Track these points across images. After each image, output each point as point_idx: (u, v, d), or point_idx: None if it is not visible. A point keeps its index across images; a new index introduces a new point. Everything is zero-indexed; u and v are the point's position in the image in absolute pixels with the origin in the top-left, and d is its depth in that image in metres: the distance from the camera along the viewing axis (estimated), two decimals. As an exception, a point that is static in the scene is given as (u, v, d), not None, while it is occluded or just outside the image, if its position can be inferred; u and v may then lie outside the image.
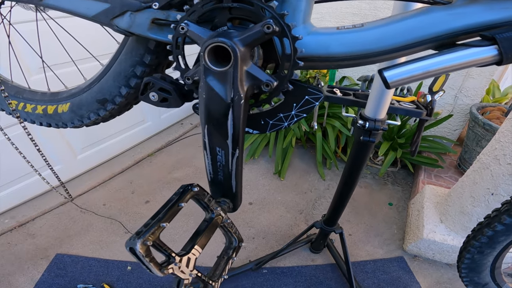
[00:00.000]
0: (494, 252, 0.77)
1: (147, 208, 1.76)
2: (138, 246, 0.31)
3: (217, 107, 0.33)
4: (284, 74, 0.33)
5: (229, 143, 0.36)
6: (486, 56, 0.27)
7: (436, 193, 1.70)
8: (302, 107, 0.37)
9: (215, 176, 0.41)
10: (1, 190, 1.61)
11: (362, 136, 0.83)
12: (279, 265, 1.48)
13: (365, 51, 0.31)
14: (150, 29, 0.36)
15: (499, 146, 1.22)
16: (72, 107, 0.57)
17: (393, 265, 1.53)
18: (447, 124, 2.18)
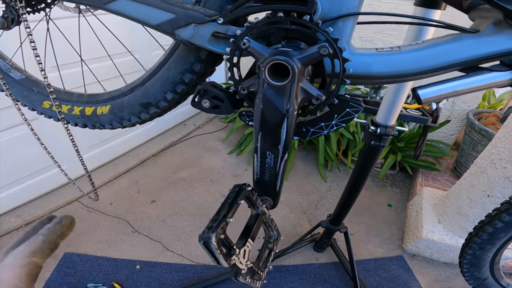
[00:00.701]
0: (494, 248, 0.83)
1: (154, 208, 1.78)
2: (213, 240, 0.35)
3: (273, 116, 0.38)
4: (331, 90, 0.38)
5: (280, 148, 0.40)
6: (504, 79, 0.33)
7: (434, 195, 1.77)
8: (343, 118, 0.42)
9: (261, 177, 0.45)
10: (7, 189, 1.62)
11: (373, 141, 0.88)
12: (284, 263, 1.53)
13: (402, 72, 0.36)
14: (209, 41, 0.40)
15: (496, 151, 1.29)
16: (113, 109, 0.60)
17: (393, 264, 1.60)
18: (445, 129, 2.26)
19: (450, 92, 0.35)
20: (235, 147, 2.35)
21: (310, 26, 0.34)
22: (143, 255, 1.51)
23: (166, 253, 1.53)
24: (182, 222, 1.70)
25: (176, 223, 1.70)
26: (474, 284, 0.96)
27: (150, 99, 0.55)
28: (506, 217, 0.74)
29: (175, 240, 1.60)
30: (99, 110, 0.63)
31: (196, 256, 1.52)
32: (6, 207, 1.65)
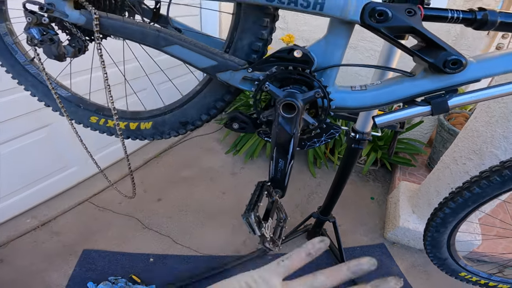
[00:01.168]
0: (447, 231, 1.00)
1: (160, 206, 1.95)
2: (252, 216, 0.54)
3: (284, 137, 0.57)
4: (322, 119, 0.58)
5: (289, 157, 0.60)
6: (425, 111, 0.52)
7: (409, 188, 2.01)
8: (329, 136, 0.62)
9: (275, 175, 0.65)
10: (23, 191, 1.72)
11: (353, 144, 1.10)
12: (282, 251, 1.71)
13: (366, 106, 0.57)
14: (240, 82, 0.59)
15: (457, 149, 1.51)
16: (155, 125, 0.76)
17: (376, 251, 1.80)
18: (420, 128, 2.51)
19: (394, 120, 0.55)
20: (231, 147, 2.53)
21: (310, 78, 0.54)
22: (155, 248, 1.67)
23: (176, 246, 1.69)
24: (187, 218, 1.88)
25: (182, 219, 1.87)
26: (438, 264, 1.12)
27: (188, 118, 0.72)
28: (452, 204, 0.92)
29: (182, 234, 1.77)
30: (142, 126, 0.79)
31: (203, 248, 1.69)
32: (22, 209, 1.75)
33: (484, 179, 0.85)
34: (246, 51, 0.59)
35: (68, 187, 1.98)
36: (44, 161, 1.77)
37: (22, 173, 1.68)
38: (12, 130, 1.55)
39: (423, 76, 0.52)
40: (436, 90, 0.52)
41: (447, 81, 0.51)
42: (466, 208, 0.91)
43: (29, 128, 1.63)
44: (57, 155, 1.82)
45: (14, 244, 1.61)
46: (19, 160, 1.63)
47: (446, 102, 0.51)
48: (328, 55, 0.54)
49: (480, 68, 0.50)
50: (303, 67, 0.54)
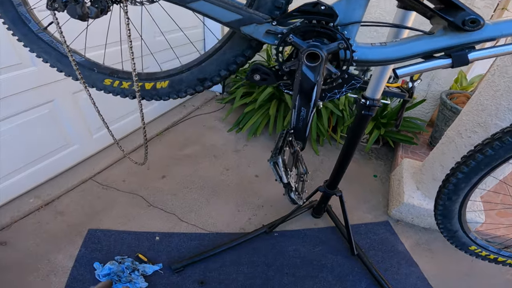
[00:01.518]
0: (459, 199, 0.99)
1: (164, 183, 1.95)
2: (279, 160, 0.54)
3: (308, 85, 0.58)
4: (343, 69, 0.58)
5: (311, 105, 0.61)
6: (446, 64, 0.55)
7: (413, 165, 2.03)
8: (350, 86, 0.63)
9: (296, 125, 0.65)
10: (25, 169, 1.69)
11: (363, 111, 1.10)
12: (287, 229, 1.73)
13: (386, 59, 0.59)
14: (264, 36, 0.59)
15: (462, 123, 1.52)
16: (172, 84, 0.76)
17: (381, 228, 1.82)
18: (421, 108, 2.53)
19: (416, 71, 0.57)
20: (234, 125, 2.53)
21: (334, 30, 0.53)
22: (160, 227, 1.66)
23: (181, 224, 1.69)
24: (192, 195, 1.88)
25: (186, 196, 1.88)
26: (448, 237, 1.11)
27: (206, 75, 0.72)
28: (465, 169, 0.93)
29: (187, 212, 1.77)
30: (158, 85, 0.78)
31: (208, 225, 1.70)
32: (24, 188, 1.72)
33: (496, 140, 0.85)
34: (269, 7, 0.59)
35: (71, 165, 1.96)
36: (47, 138, 1.75)
37: (24, 150, 1.66)
38: (14, 106, 1.52)
39: (442, 34, 0.55)
40: (454, 46, 0.55)
41: (465, 38, 0.54)
42: (479, 172, 0.91)
43: (32, 104, 1.60)
44: (59, 132, 1.80)
45: (18, 225, 1.57)
46: (21, 137, 1.61)
47: (466, 55, 0.54)
48: (349, 13, 0.56)
49: (496, 28, 0.53)
50: (327, 20, 0.54)
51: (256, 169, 2.15)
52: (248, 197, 1.92)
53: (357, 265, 1.57)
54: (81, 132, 1.94)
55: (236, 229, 1.71)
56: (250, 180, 2.05)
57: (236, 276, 1.46)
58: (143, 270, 1.41)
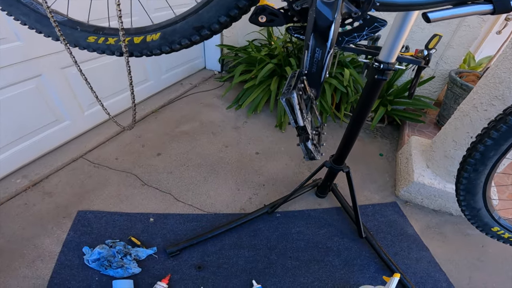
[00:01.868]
0: (485, 171, 0.89)
1: (160, 160, 1.85)
2: (295, 95, 0.44)
3: (324, 23, 0.49)
4: (365, 8, 0.49)
5: (328, 45, 0.51)
6: (486, 9, 0.47)
7: (421, 143, 1.94)
8: (372, 29, 0.54)
9: (310, 69, 0.55)
10: (11, 147, 1.58)
11: (376, 75, 0.99)
12: (290, 209, 1.64)
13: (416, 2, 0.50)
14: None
15: (477, 97, 1.43)
16: (164, 35, 0.66)
17: (389, 209, 1.73)
18: (428, 86, 2.43)
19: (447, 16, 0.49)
20: (233, 102, 2.42)
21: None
22: (155, 207, 1.56)
23: (177, 204, 1.59)
24: (189, 173, 1.79)
25: (183, 174, 1.77)
26: (470, 216, 1.02)
27: (203, 23, 0.62)
28: (494, 134, 0.82)
29: (184, 191, 1.68)
30: (148, 38, 0.68)
31: (206, 205, 1.60)
32: (11, 167, 1.62)
33: None
34: None
35: (61, 143, 1.85)
36: (34, 114, 1.63)
37: (11, 127, 1.54)
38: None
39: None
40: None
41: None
42: (510, 138, 0.82)
43: (17, 79, 1.48)
44: (48, 107, 1.68)
45: (4, 207, 1.47)
46: (6, 112, 1.49)
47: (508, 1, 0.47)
48: None
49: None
50: None
51: (256, 146, 2.05)
52: (249, 175, 1.82)
53: (365, 248, 1.48)
54: (72, 108, 1.82)
55: (236, 209, 1.61)
56: (251, 158, 1.95)
57: (236, 260, 1.37)
58: (136, 255, 1.30)
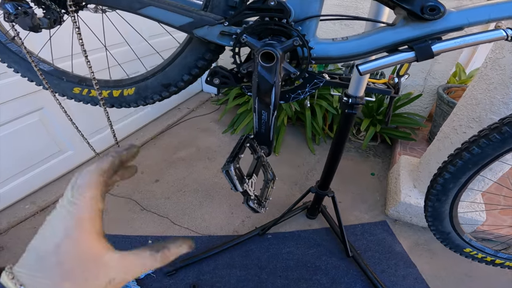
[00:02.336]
0: (448, 200, 0.94)
1: (158, 186, 1.94)
2: (232, 168, 0.52)
3: (265, 87, 0.55)
4: (303, 68, 0.55)
5: (271, 107, 0.58)
6: (409, 57, 0.51)
7: (410, 162, 1.98)
8: (313, 86, 0.60)
9: (259, 130, 0.63)
10: (20, 176, 1.72)
11: (346, 110, 1.06)
12: (281, 230, 1.70)
13: (348, 54, 0.55)
14: (218, 37, 0.56)
15: (456, 119, 1.47)
16: (138, 90, 0.75)
17: (378, 228, 1.77)
18: (419, 103, 2.47)
19: (378, 67, 0.53)
20: (228, 127, 2.51)
21: (287, 27, 0.51)
22: (153, 230, 1.66)
23: (174, 227, 1.69)
24: (186, 198, 1.87)
25: (180, 199, 1.86)
26: (441, 239, 1.06)
27: (170, 80, 0.71)
28: (451, 168, 0.88)
29: (181, 215, 1.76)
30: (125, 92, 0.77)
31: (201, 228, 1.69)
32: (20, 195, 1.75)
33: (483, 137, 0.80)
34: (223, 7, 0.57)
35: (66, 171, 1.98)
36: (39, 145, 1.76)
37: (18, 158, 1.68)
38: (4, 114, 1.53)
39: (404, 24, 0.51)
40: (417, 37, 0.51)
41: (428, 28, 0.50)
42: (467, 172, 0.87)
43: (22, 112, 1.61)
44: (52, 139, 1.81)
45: (14, 230, 1.61)
46: (14, 144, 1.63)
47: (429, 47, 0.50)
48: (305, 7, 0.52)
49: (461, 16, 0.49)
50: (279, 16, 0.51)
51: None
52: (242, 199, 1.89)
53: (352, 267, 1.53)
54: (74, 139, 1.94)
55: (229, 231, 1.69)
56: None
57: (228, 279, 1.45)
58: (135, 274, 1.41)
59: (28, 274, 0.28)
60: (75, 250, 0.29)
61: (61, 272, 0.28)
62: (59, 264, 0.28)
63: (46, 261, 0.28)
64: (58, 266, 0.28)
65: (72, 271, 0.29)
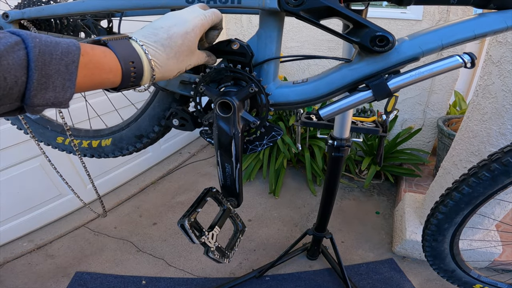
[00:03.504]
0: (446, 239, 0.89)
1: (156, 229, 1.92)
2: (186, 222, 0.50)
3: (225, 138, 0.53)
4: (263, 116, 0.54)
5: (233, 160, 0.55)
6: (368, 97, 0.48)
7: (415, 199, 1.90)
8: (270, 138, 0.57)
9: (224, 182, 0.60)
10: (20, 217, 1.77)
11: (333, 153, 1.03)
12: (280, 272, 1.63)
13: (308, 99, 0.53)
14: (179, 87, 0.57)
15: (455, 153, 1.42)
16: (114, 141, 0.76)
17: (385, 266, 1.68)
18: (421, 137, 2.41)
19: (339, 109, 0.50)
20: (228, 171, 2.49)
21: (242, 72, 0.51)
22: (148, 271, 1.64)
23: (169, 269, 1.65)
24: (182, 241, 1.83)
25: (176, 242, 1.82)
26: (446, 277, 1.00)
27: (142, 132, 0.71)
28: (443, 209, 0.83)
29: (176, 257, 1.72)
30: (103, 143, 0.79)
31: (197, 270, 1.64)
32: (19, 233, 1.80)
33: (472, 176, 0.76)
34: None
35: (65, 213, 2.00)
36: (39, 189, 1.80)
37: (19, 199, 1.72)
38: (6, 159, 1.60)
39: (359, 60, 0.48)
40: (374, 73, 0.48)
41: (382, 62, 0.47)
42: (460, 212, 0.82)
43: (23, 158, 1.68)
44: (52, 183, 1.85)
45: (9, 265, 1.65)
46: (15, 187, 1.68)
47: (385, 83, 0.46)
48: (262, 50, 0.52)
49: (414, 44, 0.45)
50: (241, 60, 0.51)
51: (249, 213, 2.08)
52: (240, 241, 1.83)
53: (357, 308, 1.42)
54: (75, 183, 1.94)
55: (226, 273, 1.63)
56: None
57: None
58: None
59: (152, 45, 0.38)
60: (191, 40, 0.42)
61: (176, 51, 0.40)
62: (180, 46, 0.41)
63: (172, 41, 0.40)
64: (178, 47, 0.40)
65: (181, 53, 0.41)
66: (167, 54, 0.39)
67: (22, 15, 0.62)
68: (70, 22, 0.73)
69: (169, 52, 0.39)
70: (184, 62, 0.43)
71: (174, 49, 0.40)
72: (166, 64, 0.40)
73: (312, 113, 1.17)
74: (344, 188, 2.32)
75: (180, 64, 0.42)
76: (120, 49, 0.35)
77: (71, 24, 0.73)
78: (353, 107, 0.50)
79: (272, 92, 0.53)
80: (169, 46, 0.39)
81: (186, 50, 0.42)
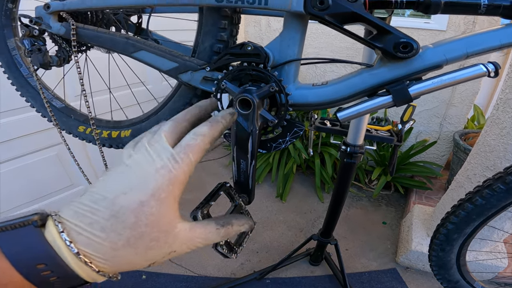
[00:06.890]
0: (453, 249, 0.89)
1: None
2: (199, 214, 0.51)
3: (242, 135, 0.54)
4: (281, 115, 0.56)
5: (249, 157, 0.57)
6: (388, 102, 0.48)
7: (424, 212, 1.87)
8: (293, 135, 0.59)
9: (238, 178, 0.62)
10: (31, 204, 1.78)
11: (345, 159, 1.04)
12: (281, 275, 1.63)
13: (327, 101, 0.54)
14: (201, 83, 0.59)
15: (470, 167, 1.41)
16: (133, 133, 0.78)
17: (387, 276, 1.67)
18: (435, 150, 2.38)
19: (357, 113, 0.50)
20: (236, 173, 2.51)
21: (264, 72, 0.53)
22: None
23: (171, 265, 1.67)
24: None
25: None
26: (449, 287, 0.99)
27: None
28: (454, 219, 0.84)
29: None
30: (122, 134, 0.81)
31: (198, 268, 1.65)
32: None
33: (486, 188, 0.77)
34: (208, 53, 0.60)
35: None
36: (53, 178, 1.83)
37: (31, 188, 1.75)
38: (25, 146, 1.64)
39: (380, 65, 0.49)
40: (395, 79, 0.48)
41: (405, 68, 0.47)
42: (471, 223, 0.82)
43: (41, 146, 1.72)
44: (66, 172, 1.89)
45: None
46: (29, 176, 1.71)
47: (406, 89, 0.46)
48: (284, 51, 0.53)
49: (438, 52, 0.45)
50: (256, 61, 0.53)
51: (255, 215, 2.09)
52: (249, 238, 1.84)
53: (356, 317, 1.41)
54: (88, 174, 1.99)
55: (226, 273, 1.64)
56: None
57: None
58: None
59: (85, 230, 0.24)
60: (156, 214, 0.26)
61: (129, 236, 0.25)
62: (134, 226, 0.25)
63: (120, 220, 0.24)
64: (131, 229, 0.24)
65: (141, 237, 0.25)
66: (113, 242, 0.25)
67: (63, 6, 0.64)
68: (104, 16, 0.75)
69: (117, 240, 0.25)
70: (151, 252, 0.27)
71: (125, 234, 0.25)
72: (115, 256, 0.25)
73: (326, 118, 1.18)
74: (352, 197, 2.31)
75: (145, 255, 0.26)
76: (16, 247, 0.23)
77: (105, 18, 0.76)
78: (372, 111, 0.51)
79: (292, 93, 0.54)
80: (113, 231, 0.25)
81: (149, 231, 0.26)
